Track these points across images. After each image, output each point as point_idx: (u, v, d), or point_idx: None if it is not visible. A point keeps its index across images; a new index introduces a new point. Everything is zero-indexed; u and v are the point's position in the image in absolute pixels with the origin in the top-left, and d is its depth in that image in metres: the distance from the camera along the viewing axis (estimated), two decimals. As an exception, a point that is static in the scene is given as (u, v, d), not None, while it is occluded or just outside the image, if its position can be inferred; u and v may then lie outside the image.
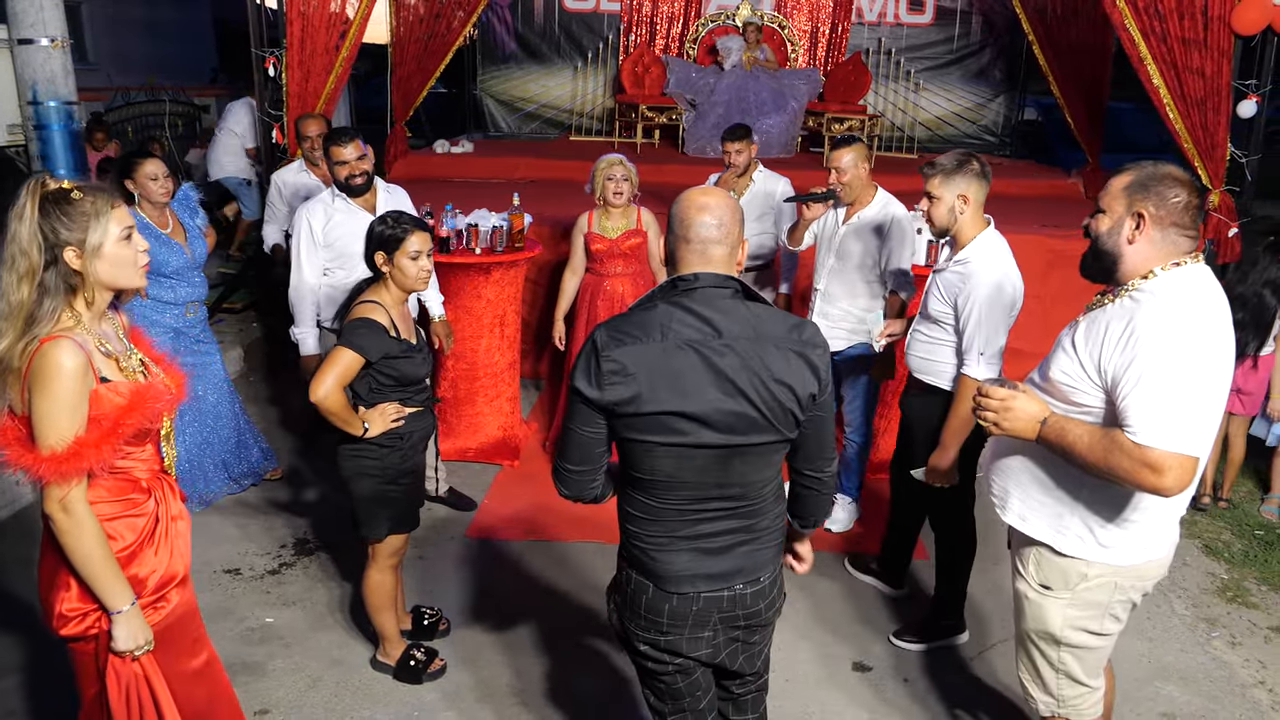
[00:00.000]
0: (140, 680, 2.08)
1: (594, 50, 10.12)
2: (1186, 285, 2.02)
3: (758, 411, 1.86)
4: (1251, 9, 5.40)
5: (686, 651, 2.04)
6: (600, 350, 1.84)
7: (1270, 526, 4.45)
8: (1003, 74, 10.17)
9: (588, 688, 3.19)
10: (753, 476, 1.95)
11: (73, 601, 2.01)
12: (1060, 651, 2.30)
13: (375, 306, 2.84)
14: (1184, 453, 1.90)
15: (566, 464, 1.99)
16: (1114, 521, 2.14)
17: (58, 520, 1.92)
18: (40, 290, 1.88)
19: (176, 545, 2.14)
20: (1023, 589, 2.32)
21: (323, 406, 2.75)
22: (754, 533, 2.00)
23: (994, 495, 2.36)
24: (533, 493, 4.50)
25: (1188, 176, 2.07)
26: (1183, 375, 1.91)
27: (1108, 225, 2.10)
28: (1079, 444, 2.00)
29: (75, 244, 1.90)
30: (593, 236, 4.51)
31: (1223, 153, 5.68)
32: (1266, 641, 3.56)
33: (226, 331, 6.40)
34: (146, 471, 2.09)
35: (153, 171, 3.92)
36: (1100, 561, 2.17)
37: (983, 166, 3.07)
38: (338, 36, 5.83)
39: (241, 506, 4.36)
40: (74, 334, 1.90)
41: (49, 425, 1.86)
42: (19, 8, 4.52)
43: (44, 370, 1.85)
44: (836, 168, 3.80)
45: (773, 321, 1.90)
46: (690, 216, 1.90)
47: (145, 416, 1.98)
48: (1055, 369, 2.15)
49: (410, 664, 3.17)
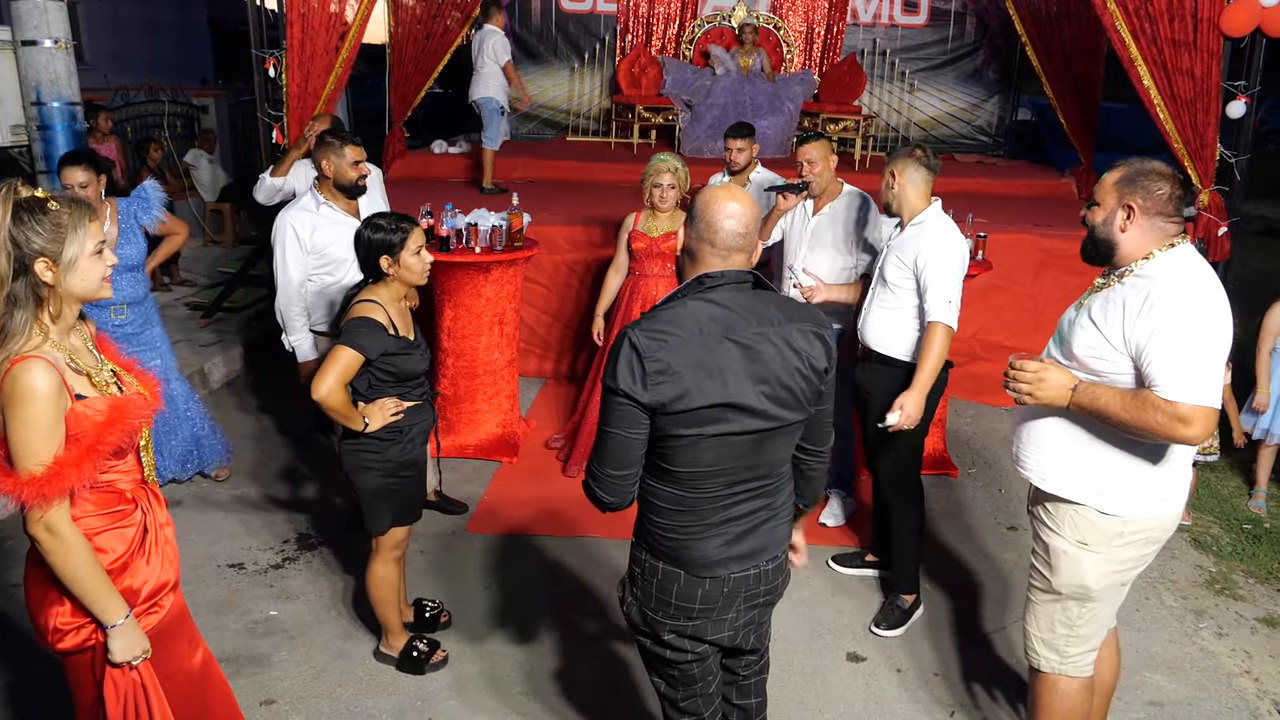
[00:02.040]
0: (137, 688, 2.07)
1: (591, 51, 10.18)
2: (1186, 262, 2.27)
3: (790, 393, 1.96)
4: (1240, 11, 5.48)
5: (710, 635, 2.10)
6: (643, 353, 1.86)
7: (1257, 520, 4.52)
8: (996, 75, 10.25)
9: (589, 676, 3.25)
10: (779, 455, 2.05)
11: (66, 616, 1.99)
12: (1084, 606, 2.46)
13: (374, 306, 2.91)
14: (1207, 404, 2.14)
15: (607, 469, 1.97)
16: (1146, 477, 2.33)
17: (43, 541, 1.88)
18: (9, 302, 1.83)
19: (166, 552, 2.13)
20: (1060, 546, 2.43)
21: (325, 405, 2.81)
22: (774, 510, 2.10)
23: (1028, 469, 2.50)
24: (532, 488, 4.56)
25: (1170, 170, 2.31)
26: (1198, 338, 2.16)
27: (1102, 216, 2.35)
28: (1111, 404, 2.22)
29: (49, 255, 1.86)
30: (636, 235, 4.57)
31: (1212, 152, 5.75)
32: (1253, 632, 3.63)
33: (226, 331, 6.45)
34: (130, 482, 2.07)
35: (83, 179, 3.82)
36: (1136, 517, 2.35)
37: (927, 156, 3.35)
38: (337, 38, 5.88)
39: (243, 503, 4.41)
40: (44, 352, 1.86)
41: (26, 449, 1.82)
42: (23, 9, 4.58)
43: (16, 394, 1.81)
44: (808, 160, 3.97)
45: (790, 307, 2.02)
46: (718, 222, 1.95)
47: (125, 431, 1.95)
48: (1079, 344, 2.34)
49: (413, 655, 3.22)
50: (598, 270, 5.77)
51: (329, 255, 3.88)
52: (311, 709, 3.05)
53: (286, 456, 4.89)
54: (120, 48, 10.78)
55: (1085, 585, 2.43)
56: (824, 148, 3.99)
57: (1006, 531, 4.31)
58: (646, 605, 2.11)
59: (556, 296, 6.00)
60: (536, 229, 5.40)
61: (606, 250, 5.71)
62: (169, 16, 12.20)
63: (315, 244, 3.85)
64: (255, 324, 6.54)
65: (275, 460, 4.87)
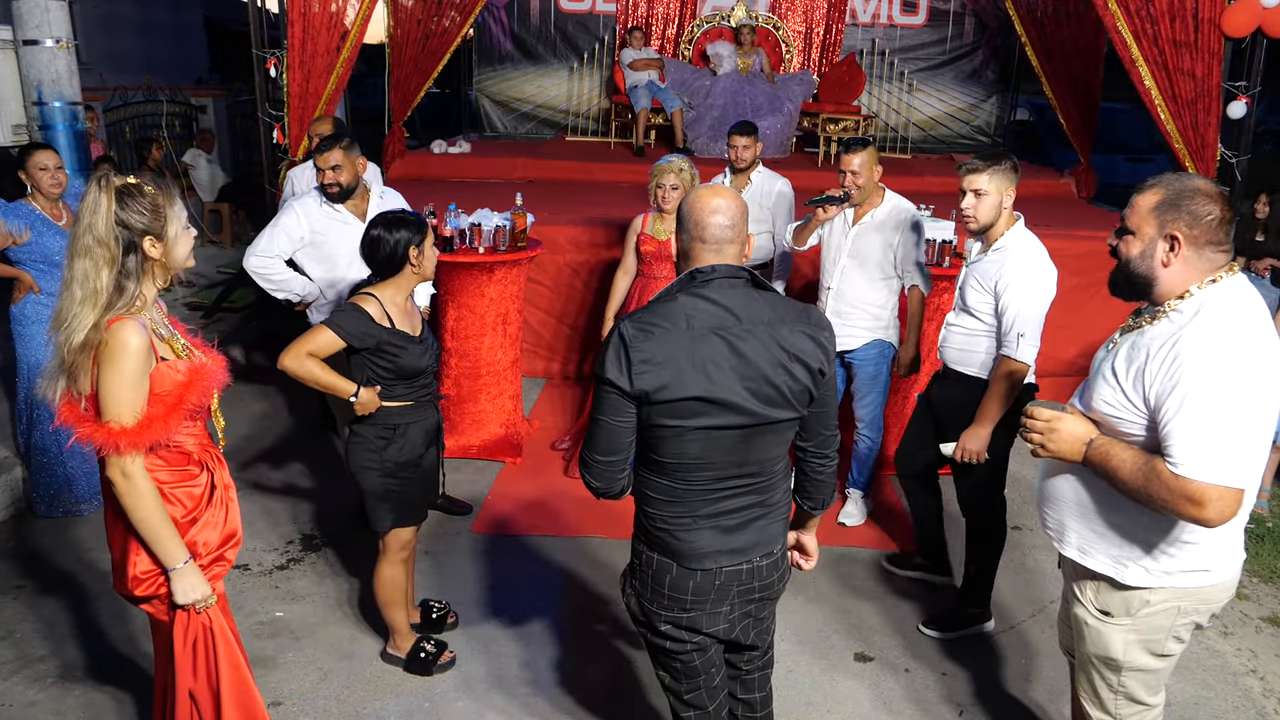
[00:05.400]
0: (206, 631, 2.23)
1: (590, 51, 10.18)
2: (1227, 302, 1.92)
3: (777, 391, 1.97)
4: (1241, 11, 5.50)
5: (705, 627, 2.13)
6: (629, 343, 1.93)
7: (1260, 520, 4.53)
8: (995, 75, 10.27)
9: (597, 675, 3.25)
10: (770, 453, 2.06)
11: (145, 564, 2.16)
12: (1121, 676, 2.22)
13: (368, 298, 2.94)
14: (1226, 485, 1.82)
15: (595, 455, 2.04)
16: (1173, 547, 2.05)
17: (119, 485, 2.06)
18: (122, 276, 2.03)
19: (231, 509, 2.31)
20: (1082, 615, 2.23)
21: (290, 372, 2.85)
22: (767, 507, 2.12)
23: (1049, 529, 2.27)
24: (536, 488, 4.56)
25: (1217, 189, 1.98)
26: (1227, 402, 1.82)
27: (1139, 249, 2.00)
28: (1122, 469, 1.93)
29: (154, 233, 2.06)
30: (644, 238, 4.54)
31: (1213, 153, 5.77)
32: (1257, 631, 3.64)
33: (227, 331, 6.43)
34: (196, 446, 2.23)
35: (43, 162, 3.83)
36: (1162, 587, 2.09)
37: (1015, 164, 3.22)
38: (338, 37, 5.87)
39: (247, 504, 4.38)
40: (138, 315, 2.05)
41: (116, 399, 2.00)
42: (24, 9, 4.56)
43: (112, 348, 1.99)
44: (850, 170, 3.86)
45: (784, 306, 2.03)
46: (705, 219, 2.00)
47: (203, 392, 2.15)
48: (1097, 399, 2.06)
49: (420, 656, 3.21)
50: (601, 271, 5.76)
51: (327, 250, 3.92)
52: (319, 710, 3.05)
53: (290, 457, 4.88)
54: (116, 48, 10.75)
55: (1112, 657, 2.19)
56: (868, 157, 3.85)
57: (1012, 531, 4.30)
58: (644, 596, 2.16)
59: (559, 297, 5.99)
60: (539, 229, 5.39)
61: (609, 251, 5.71)
62: (164, 17, 12.18)
63: (314, 234, 3.88)
64: (256, 323, 6.52)
65: (278, 461, 4.86)
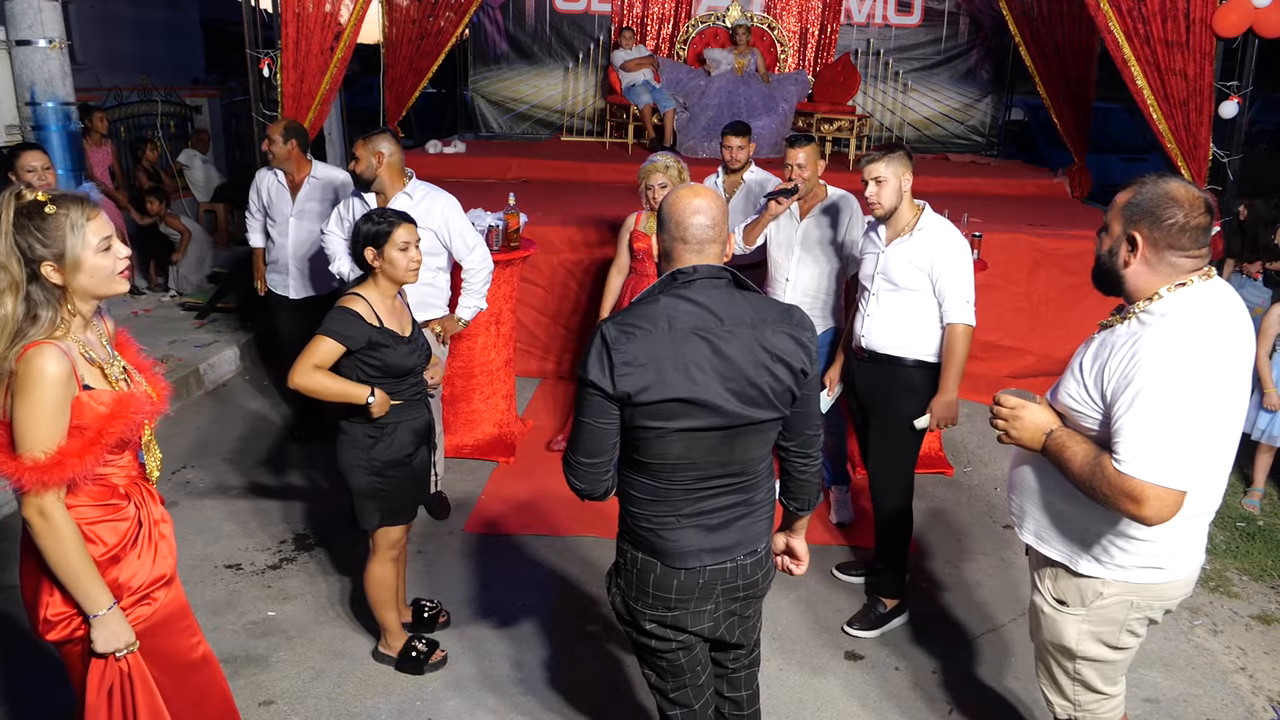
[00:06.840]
0: (124, 678, 2.07)
1: (585, 51, 10.19)
2: (1194, 307, 1.93)
3: (759, 391, 1.97)
4: (1232, 11, 5.52)
5: (690, 626, 2.13)
6: (611, 345, 1.93)
7: (1251, 519, 4.54)
8: (990, 75, 10.30)
9: (588, 674, 3.25)
10: (753, 453, 2.07)
11: (57, 606, 2.00)
12: (1076, 664, 2.28)
13: (356, 298, 2.96)
14: (1166, 485, 1.85)
15: (579, 456, 2.04)
16: (1125, 541, 2.09)
17: (35, 525, 1.90)
18: (29, 303, 1.86)
19: (160, 548, 2.14)
20: (1039, 603, 2.29)
21: (303, 389, 2.85)
22: (751, 506, 2.12)
23: (1013, 513, 2.34)
24: (529, 488, 4.56)
25: (1194, 193, 1.95)
26: (1176, 405, 1.84)
27: (1108, 245, 2.04)
28: (1073, 461, 1.97)
29: (52, 258, 1.87)
30: (637, 235, 4.56)
31: (1205, 153, 5.78)
32: (1247, 629, 3.65)
33: (221, 331, 6.43)
34: (124, 479, 2.08)
35: (30, 163, 3.77)
36: (1116, 580, 2.13)
37: (908, 152, 3.33)
38: (332, 37, 5.88)
39: (239, 504, 4.40)
40: (58, 340, 1.89)
41: (30, 432, 1.85)
42: (17, 9, 4.57)
43: (27, 377, 1.83)
44: (797, 164, 3.93)
45: (766, 307, 2.03)
46: (686, 219, 2.01)
47: (127, 426, 1.97)
48: (1063, 391, 2.10)
49: (412, 655, 3.22)
50: (595, 271, 5.77)
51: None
52: (310, 709, 3.05)
53: (283, 457, 4.88)
54: (112, 48, 10.75)
55: (1067, 646, 2.25)
56: (813, 150, 3.99)
57: (1002, 530, 4.32)
58: (629, 595, 2.17)
59: (554, 297, 6.00)
60: (532, 229, 5.40)
61: (603, 250, 5.71)
62: (160, 16, 12.17)
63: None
64: (250, 324, 6.52)
65: (271, 461, 4.86)
